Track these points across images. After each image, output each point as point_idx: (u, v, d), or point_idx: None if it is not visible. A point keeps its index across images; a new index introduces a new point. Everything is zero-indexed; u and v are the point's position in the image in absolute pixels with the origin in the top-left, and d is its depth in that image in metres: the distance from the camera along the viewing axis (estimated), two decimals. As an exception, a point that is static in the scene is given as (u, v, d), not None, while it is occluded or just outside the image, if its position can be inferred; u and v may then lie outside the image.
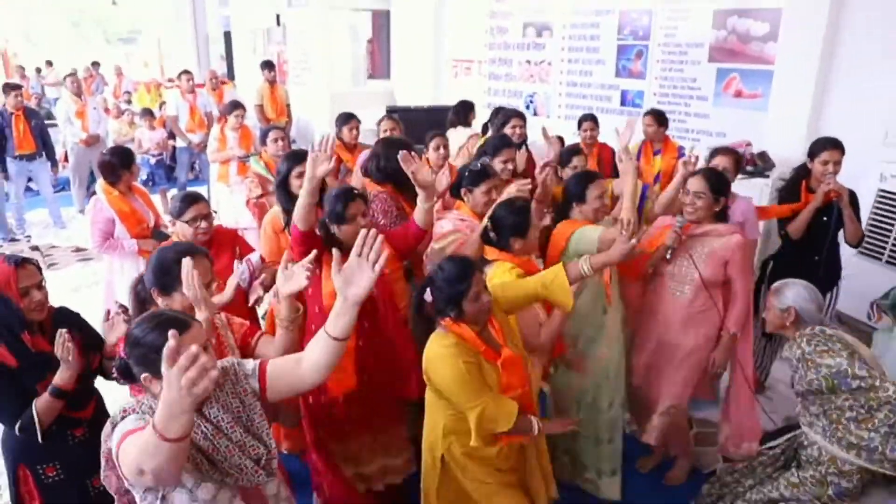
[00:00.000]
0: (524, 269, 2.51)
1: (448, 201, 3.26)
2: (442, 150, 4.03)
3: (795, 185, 3.54)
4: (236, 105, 5.87)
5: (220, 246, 2.99)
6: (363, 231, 1.63)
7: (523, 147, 4.30)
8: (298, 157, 3.16)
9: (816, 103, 4.74)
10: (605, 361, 3.00)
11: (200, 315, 1.92)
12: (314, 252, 2.14)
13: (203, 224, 2.83)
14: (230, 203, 5.54)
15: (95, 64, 12.64)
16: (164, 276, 2.06)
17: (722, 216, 2.94)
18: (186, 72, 7.20)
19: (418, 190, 2.70)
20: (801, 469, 2.45)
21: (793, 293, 2.47)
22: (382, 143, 3.40)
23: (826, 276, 3.53)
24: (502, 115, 4.57)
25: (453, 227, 3.05)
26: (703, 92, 5.47)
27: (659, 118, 4.75)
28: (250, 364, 1.73)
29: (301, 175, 2.99)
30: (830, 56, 4.65)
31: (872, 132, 4.33)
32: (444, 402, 2.15)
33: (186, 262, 1.94)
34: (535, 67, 7.03)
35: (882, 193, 4.21)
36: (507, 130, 4.25)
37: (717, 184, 2.86)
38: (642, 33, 5.87)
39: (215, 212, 2.96)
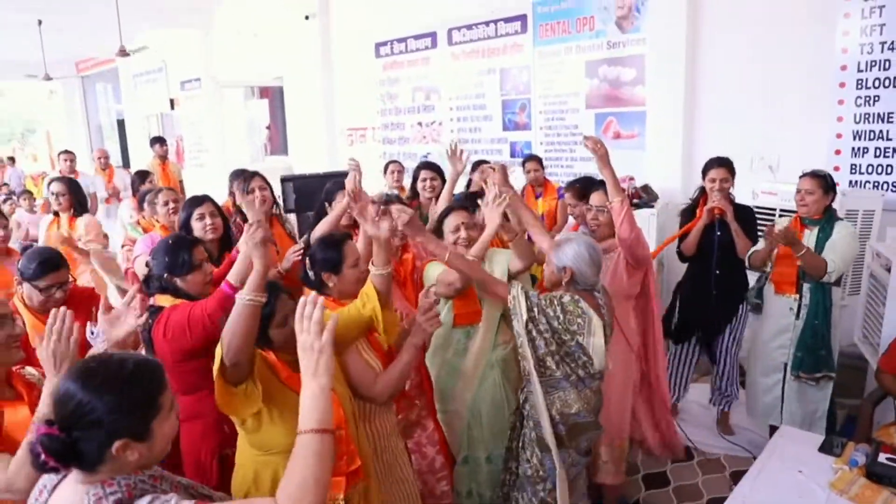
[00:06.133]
0: None
1: None
2: None
3: (694, 205, 3.70)
4: (146, 174, 5.74)
5: (75, 307, 2.73)
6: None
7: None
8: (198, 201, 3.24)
9: (687, 137, 5.01)
10: (465, 408, 2.70)
11: None
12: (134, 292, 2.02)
13: (58, 294, 2.61)
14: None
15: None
16: None
17: None
18: (66, 151, 6.86)
19: None
20: None
21: (572, 253, 2.28)
22: None
23: (729, 292, 3.59)
24: (415, 169, 4.44)
25: None
26: (585, 137, 5.69)
27: (541, 162, 4.93)
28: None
29: (202, 217, 3.11)
30: (693, 94, 4.96)
31: (739, 158, 4.56)
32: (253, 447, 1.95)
33: None
34: (427, 128, 7.18)
35: (757, 210, 4.41)
36: (419, 185, 4.15)
37: None
38: (523, 88, 6.12)
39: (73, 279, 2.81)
